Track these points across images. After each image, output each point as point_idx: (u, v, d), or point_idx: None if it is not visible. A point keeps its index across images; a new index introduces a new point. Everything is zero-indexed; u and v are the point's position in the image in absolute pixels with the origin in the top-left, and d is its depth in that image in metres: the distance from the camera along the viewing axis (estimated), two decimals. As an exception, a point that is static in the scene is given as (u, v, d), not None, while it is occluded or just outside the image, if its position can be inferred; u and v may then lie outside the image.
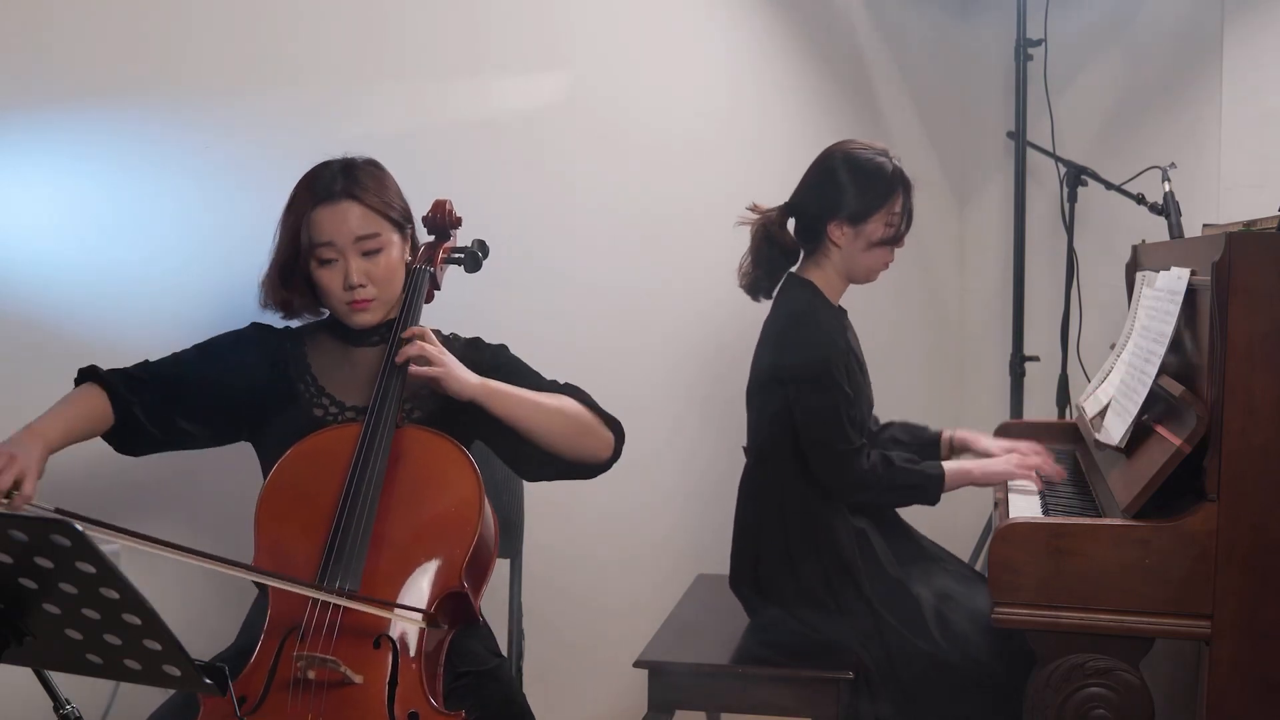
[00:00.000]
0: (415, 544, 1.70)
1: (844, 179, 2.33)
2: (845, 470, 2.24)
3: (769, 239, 2.40)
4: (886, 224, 2.34)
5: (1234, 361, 1.76)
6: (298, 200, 1.83)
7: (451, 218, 2.01)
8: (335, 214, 1.80)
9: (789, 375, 2.28)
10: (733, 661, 2.23)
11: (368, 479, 1.69)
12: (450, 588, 1.67)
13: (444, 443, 1.79)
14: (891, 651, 2.20)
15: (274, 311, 1.89)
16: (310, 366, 1.90)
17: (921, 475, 2.28)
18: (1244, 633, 1.78)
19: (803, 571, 2.28)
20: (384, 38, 2.34)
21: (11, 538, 1.12)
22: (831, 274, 2.38)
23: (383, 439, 1.73)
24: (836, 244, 2.35)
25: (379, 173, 1.87)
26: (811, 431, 2.25)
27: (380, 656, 1.59)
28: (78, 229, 1.91)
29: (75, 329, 1.90)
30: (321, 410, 1.86)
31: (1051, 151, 3.44)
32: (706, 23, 3.10)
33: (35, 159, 1.85)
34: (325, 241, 1.80)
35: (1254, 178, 3.29)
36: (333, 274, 1.81)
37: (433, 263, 1.93)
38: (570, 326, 2.69)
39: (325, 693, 1.54)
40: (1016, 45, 3.48)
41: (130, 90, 1.95)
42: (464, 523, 1.71)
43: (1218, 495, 1.77)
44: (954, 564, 2.42)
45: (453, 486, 1.75)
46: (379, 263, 1.82)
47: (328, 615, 1.60)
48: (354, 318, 1.84)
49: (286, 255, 1.83)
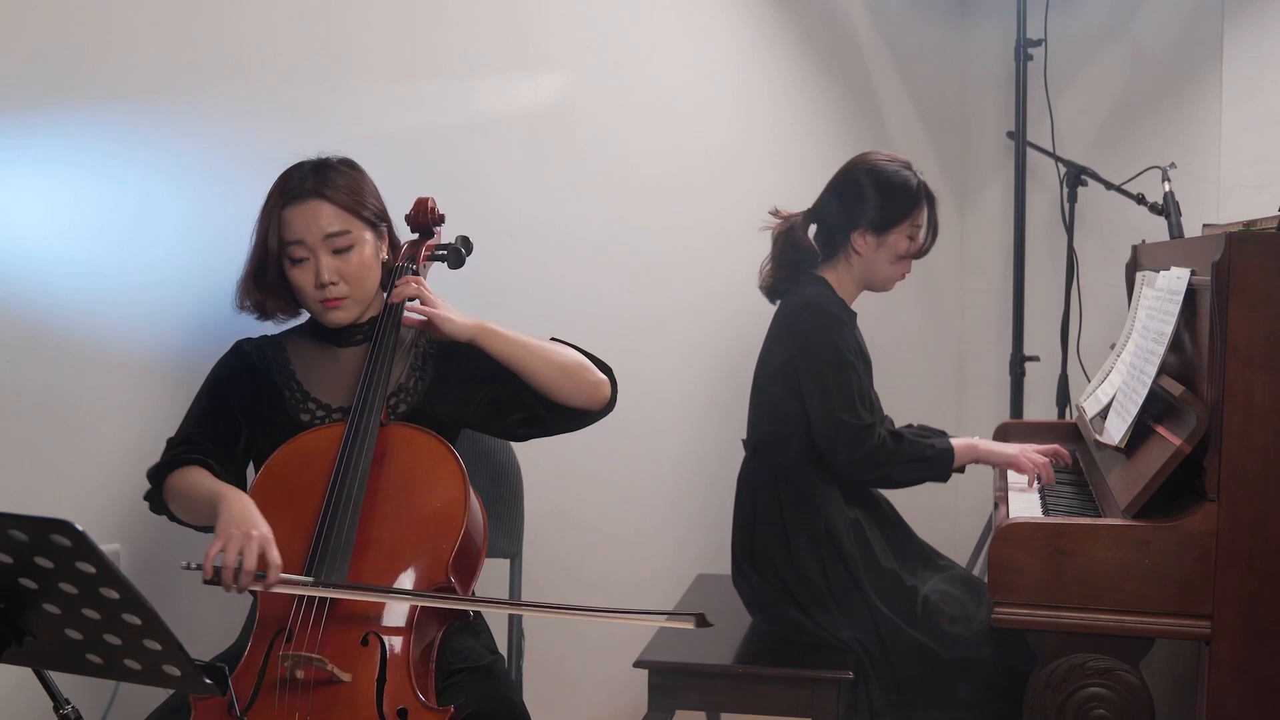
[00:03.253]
0: (401, 540, 1.70)
1: (868, 190, 2.37)
2: (856, 445, 2.25)
3: (791, 243, 2.44)
4: (909, 236, 2.39)
5: (1234, 361, 1.76)
6: (269, 201, 1.84)
7: (434, 214, 2.01)
8: (305, 212, 1.80)
9: (801, 354, 2.30)
10: (733, 661, 2.23)
11: (352, 477, 1.70)
12: (436, 582, 1.68)
13: (428, 438, 1.80)
14: (886, 643, 2.22)
15: (249, 313, 1.89)
16: (295, 372, 1.89)
17: (930, 448, 2.29)
18: (1244, 633, 1.78)
19: (800, 559, 2.30)
20: (377, 38, 2.34)
21: (11, 538, 1.12)
22: (847, 279, 2.42)
23: (367, 436, 1.74)
24: (859, 252, 2.39)
25: (352, 171, 1.87)
26: (823, 408, 2.27)
27: (368, 654, 1.59)
28: (79, 231, 1.91)
29: (76, 330, 1.90)
30: (308, 415, 1.86)
31: (1051, 151, 3.44)
32: (706, 24, 3.10)
33: (36, 160, 1.85)
34: (295, 240, 1.81)
35: (1254, 178, 3.29)
36: (305, 272, 1.82)
37: (415, 260, 1.94)
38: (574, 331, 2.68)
39: (314, 691, 1.54)
40: (1016, 45, 3.48)
41: (130, 91, 1.95)
42: (449, 517, 1.72)
43: (1218, 495, 1.77)
44: (946, 562, 2.43)
45: (437, 482, 1.75)
46: (350, 260, 1.82)
47: (313, 614, 1.61)
48: (328, 316, 1.84)
49: (259, 256, 1.84)
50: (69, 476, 1.91)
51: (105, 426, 1.95)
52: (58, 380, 1.86)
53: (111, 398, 1.95)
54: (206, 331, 2.01)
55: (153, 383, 2.00)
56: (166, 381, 2.00)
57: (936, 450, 2.29)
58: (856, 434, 2.25)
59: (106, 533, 1.93)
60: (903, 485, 2.37)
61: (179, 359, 2.01)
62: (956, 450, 2.30)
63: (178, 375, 2.00)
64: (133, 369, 1.97)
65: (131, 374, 1.97)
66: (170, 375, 2.01)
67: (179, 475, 1.75)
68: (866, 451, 2.25)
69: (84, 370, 1.91)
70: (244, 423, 1.85)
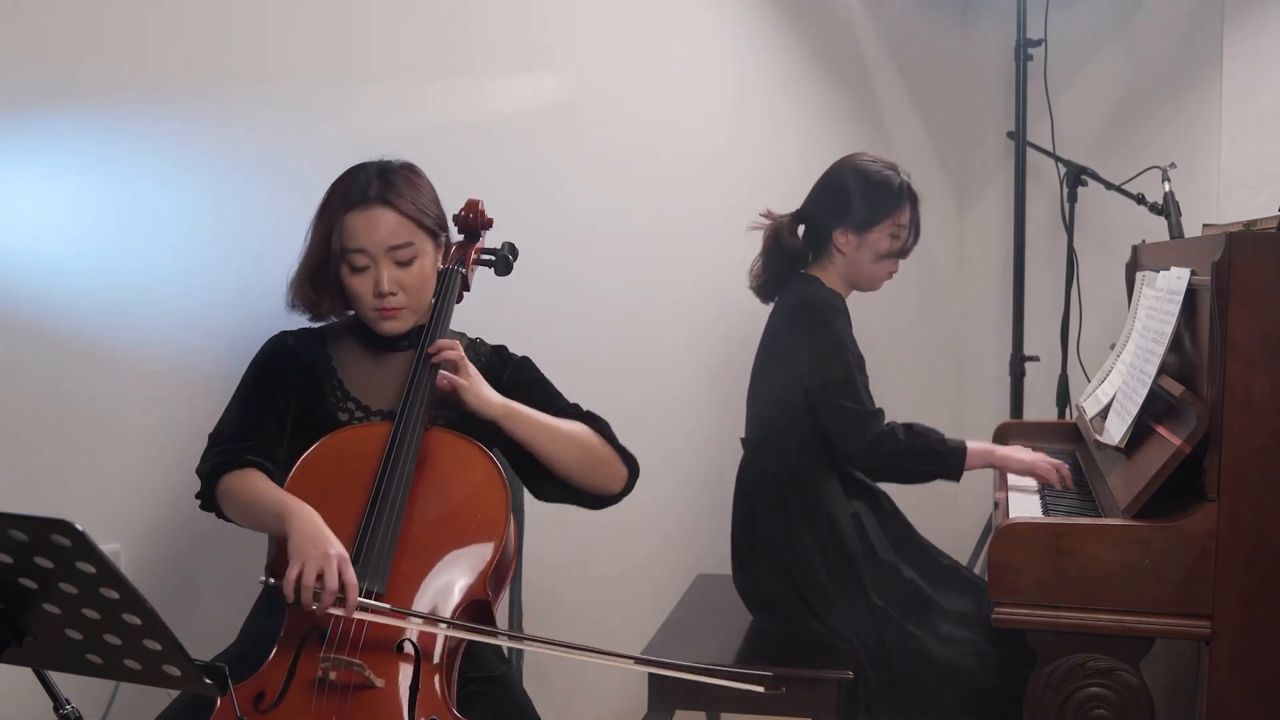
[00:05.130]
0: (442, 548, 1.67)
1: (851, 189, 2.38)
2: (864, 430, 2.24)
3: (779, 244, 2.44)
4: (891, 235, 2.39)
5: (1234, 361, 1.76)
6: (331, 203, 1.79)
7: (483, 219, 1.99)
8: (369, 220, 1.76)
9: (805, 343, 2.31)
10: (733, 662, 2.23)
11: (397, 479, 1.66)
12: (476, 595, 1.65)
13: (472, 447, 1.77)
14: (884, 637, 2.22)
15: (301, 313, 1.85)
16: (336, 370, 1.87)
17: (941, 442, 2.27)
18: (1244, 633, 1.78)
19: (801, 551, 2.30)
20: (383, 38, 2.34)
21: (11, 538, 1.12)
22: (835, 278, 2.43)
23: (412, 439, 1.70)
24: (841, 251, 2.40)
25: (414, 178, 1.83)
26: (828, 397, 2.27)
27: (403, 660, 1.58)
28: (81, 229, 1.91)
29: (79, 329, 1.90)
30: (347, 414, 1.84)
31: (1051, 151, 3.44)
32: (707, 25, 3.10)
33: (37, 159, 1.85)
34: (358, 248, 1.76)
35: (1254, 178, 3.29)
36: (364, 281, 1.78)
37: (465, 264, 1.91)
38: (571, 331, 2.69)
39: (347, 695, 1.52)
40: (1016, 45, 3.48)
41: (132, 90, 1.95)
42: (491, 529, 1.69)
43: (1218, 495, 1.77)
44: (948, 561, 2.44)
45: (481, 492, 1.72)
46: (412, 272, 1.79)
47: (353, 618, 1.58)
48: (382, 325, 1.81)
49: (317, 259, 1.80)
50: (69, 476, 1.91)
51: (105, 426, 1.95)
52: (58, 380, 1.86)
53: (112, 398, 1.95)
54: (209, 330, 2.01)
55: (154, 383, 2.00)
56: (168, 382, 2.01)
57: (948, 447, 2.27)
58: (861, 420, 2.25)
59: (106, 533, 1.92)
60: (911, 479, 2.34)
61: (181, 359, 2.01)
62: (971, 451, 2.28)
63: (180, 375, 2.00)
64: (133, 369, 1.97)
65: (132, 374, 1.97)
66: (172, 375, 2.01)
67: (235, 479, 1.71)
68: (871, 439, 2.24)
69: (84, 370, 1.91)
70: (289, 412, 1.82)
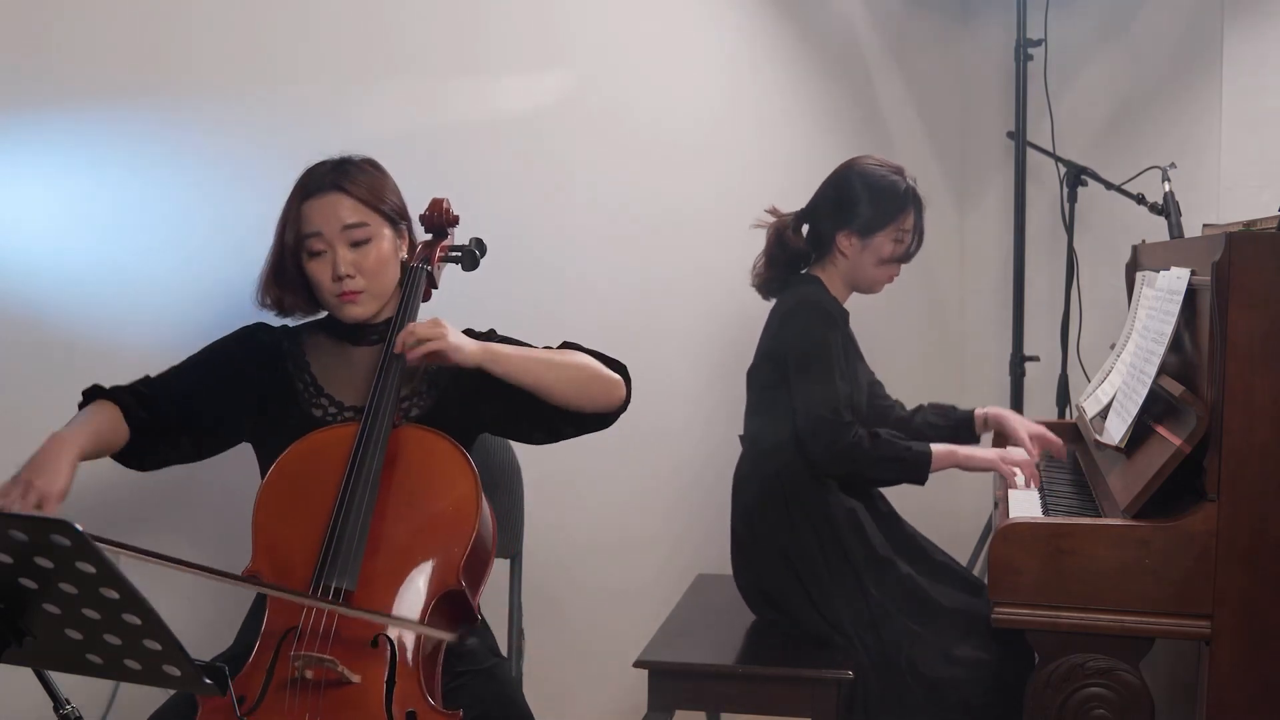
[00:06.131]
0: (412, 543, 1.69)
1: (857, 192, 2.40)
2: (833, 440, 2.25)
3: (782, 242, 2.46)
4: (895, 240, 2.40)
5: (1234, 361, 1.76)
6: (290, 197, 1.84)
7: (448, 216, 2.00)
8: (323, 205, 1.80)
9: (790, 347, 2.33)
10: (733, 661, 2.23)
11: (364, 478, 1.68)
12: (448, 586, 1.67)
13: (441, 441, 1.78)
14: (882, 633, 2.22)
15: (269, 310, 1.88)
16: (309, 366, 1.89)
17: (907, 449, 2.30)
18: (1244, 633, 1.78)
19: (800, 547, 2.31)
20: (385, 37, 2.34)
21: (11, 538, 1.12)
22: (837, 279, 2.45)
23: (379, 438, 1.72)
24: (844, 253, 2.42)
25: (373, 169, 1.88)
26: (804, 402, 2.28)
27: (378, 655, 1.59)
28: (77, 228, 1.91)
29: (75, 328, 1.90)
30: (320, 410, 1.86)
31: (1051, 151, 3.44)
32: (708, 23, 3.10)
33: (34, 158, 1.85)
34: (313, 232, 1.80)
35: (1254, 178, 3.30)
36: (322, 265, 1.81)
37: (430, 261, 1.93)
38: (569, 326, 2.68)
39: (323, 692, 1.53)
40: (1016, 45, 3.48)
41: (130, 90, 1.95)
42: (461, 521, 1.71)
43: (1218, 495, 1.77)
44: (942, 555, 2.45)
45: (450, 485, 1.74)
46: (368, 254, 1.82)
47: (324, 615, 1.60)
48: (344, 310, 1.84)
49: (279, 251, 1.84)
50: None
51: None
52: (58, 380, 1.86)
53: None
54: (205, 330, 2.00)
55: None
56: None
57: (913, 453, 2.29)
58: (833, 430, 2.25)
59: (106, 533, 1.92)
60: (879, 484, 2.40)
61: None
62: (935, 455, 2.30)
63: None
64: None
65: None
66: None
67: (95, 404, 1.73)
68: (840, 449, 2.25)
69: (84, 370, 1.91)
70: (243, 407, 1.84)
